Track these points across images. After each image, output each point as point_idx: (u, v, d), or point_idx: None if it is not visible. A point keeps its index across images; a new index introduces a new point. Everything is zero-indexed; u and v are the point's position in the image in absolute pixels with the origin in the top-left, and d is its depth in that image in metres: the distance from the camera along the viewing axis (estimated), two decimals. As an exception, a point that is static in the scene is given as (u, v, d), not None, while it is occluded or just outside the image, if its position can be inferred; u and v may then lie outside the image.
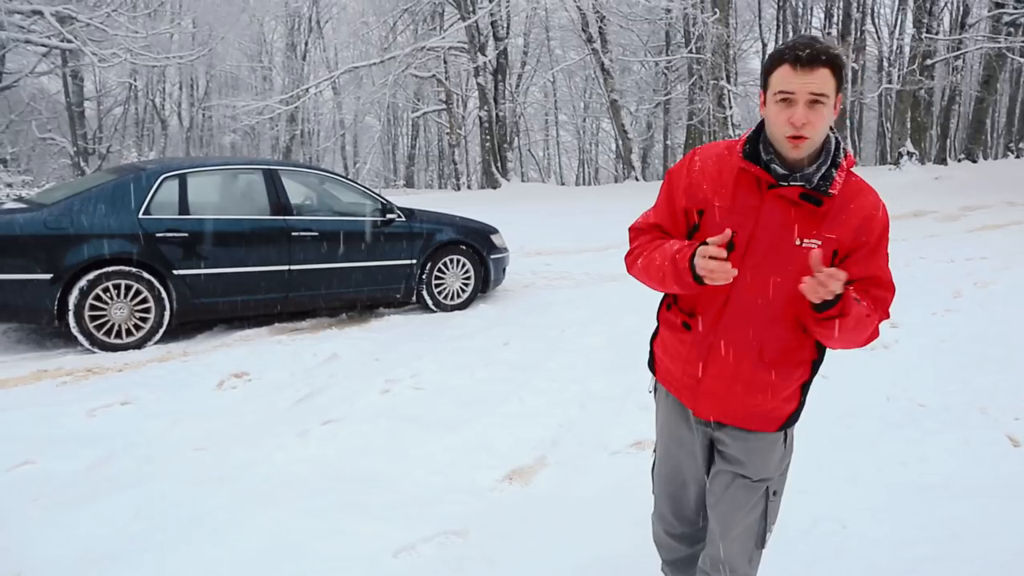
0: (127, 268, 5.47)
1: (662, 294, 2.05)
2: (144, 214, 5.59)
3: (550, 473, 3.57)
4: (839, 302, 1.61)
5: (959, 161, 22.69)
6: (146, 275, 5.55)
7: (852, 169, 1.79)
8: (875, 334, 1.78)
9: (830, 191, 1.71)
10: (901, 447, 3.71)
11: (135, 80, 28.20)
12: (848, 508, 3.07)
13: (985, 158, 25.36)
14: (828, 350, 1.88)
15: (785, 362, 1.84)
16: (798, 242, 1.72)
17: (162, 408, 4.30)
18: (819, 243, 1.71)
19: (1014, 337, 5.49)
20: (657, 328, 2.11)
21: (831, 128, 1.74)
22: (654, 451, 2.25)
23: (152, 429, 3.96)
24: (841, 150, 1.76)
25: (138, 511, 3.03)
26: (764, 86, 1.72)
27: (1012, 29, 21.39)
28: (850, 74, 23.38)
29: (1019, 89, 28.82)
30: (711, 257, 1.64)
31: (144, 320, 5.59)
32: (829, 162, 1.73)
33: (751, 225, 1.75)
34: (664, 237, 1.95)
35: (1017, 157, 25.87)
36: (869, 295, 1.76)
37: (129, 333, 5.55)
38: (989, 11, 21.79)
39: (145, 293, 5.56)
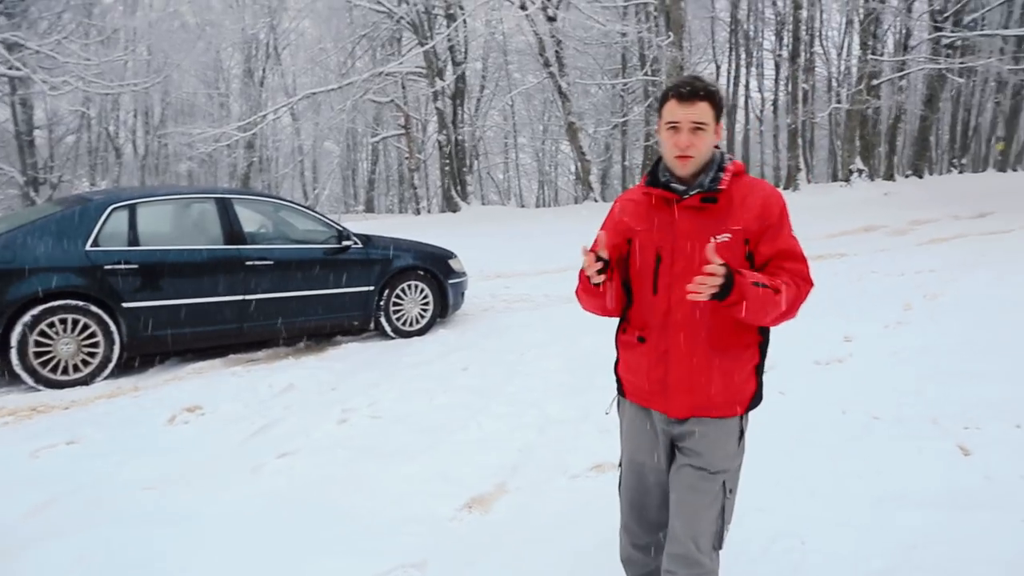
0: (74, 302, 5.33)
1: (616, 321, 2.33)
2: (92, 246, 5.46)
3: (510, 499, 3.52)
4: (733, 290, 1.86)
5: (906, 177, 23.38)
6: (94, 308, 5.40)
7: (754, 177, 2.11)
8: (795, 303, 1.99)
9: (720, 187, 2.02)
10: (857, 460, 3.75)
11: (88, 108, 27.73)
12: (807, 523, 3.08)
13: (931, 174, 26.13)
14: (771, 331, 2.11)
15: (732, 348, 2.06)
16: (714, 238, 1.99)
17: (110, 447, 4.16)
18: (729, 236, 2.00)
19: (963, 348, 5.61)
20: (617, 354, 2.33)
21: (716, 146, 2.07)
22: (619, 465, 2.39)
23: (99, 469, 3.83)
24: (726, 160, 2.08)
25: (80, 557, 2.91)
26: (659, 116, 2.06)
27: (951, 51, 22.20)
28: (801, 95, 23.96)
29: (959, 108, 29.80)
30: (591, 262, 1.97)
31: (92, 355, 5.44)
32: (715, 169, 2.06)
33: (671, 237, 2.05)
34: None
35: (960, 172, 26.72)
36: (784, 269, 2.01)
37: (76, 369, 5.39)
38: (929, 34, 22.58)
39: (93, 327, 5.41)
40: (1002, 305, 6.74)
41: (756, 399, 2.14)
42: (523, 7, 21.26)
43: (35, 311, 5.16)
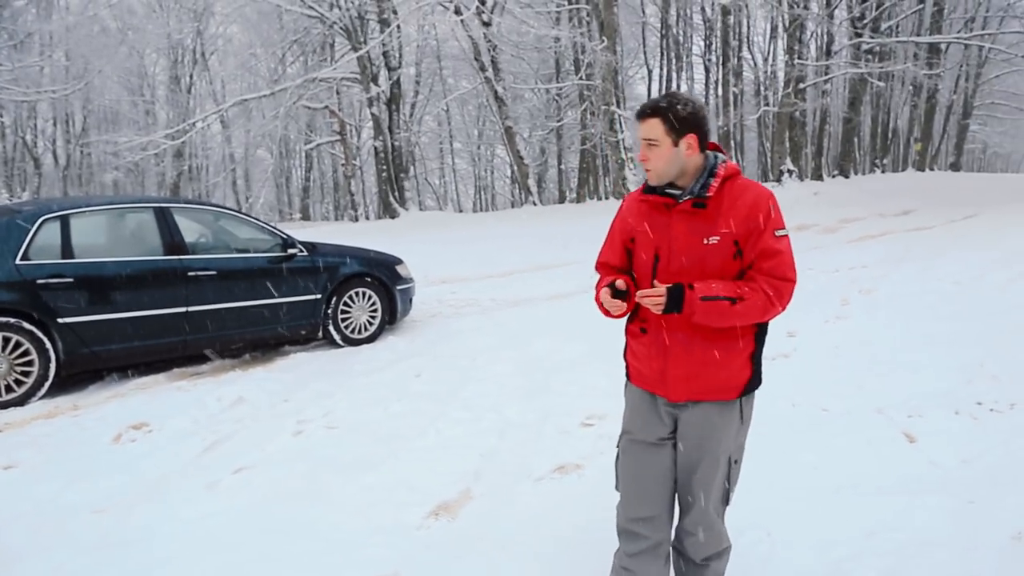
0: (4, 319, 5.07)
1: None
2: (22, 259, 5.21)
3: (476, 505, 3.50)
4: (684, 304, 2.09)
5: (833, 177, 24.23)
6: (27, 325, 5.15)
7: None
8: (765, 305, 2.12)
9: (707, 194, 2.16)
10: (812, 452, 3.86)
11: (1, 116, 26.48)
12: (771, 515, 3.16)
13: (856, 173, 27.14)
14: (768, 324, 2.26)
15: (725, 338, 2.20)
16: (705, 240, 2.16)
17: (52, 470, 3.97)
18: (718, 238, 2.15)
19: (899, 340, 5.84)
20: (626, 342, 2.47)
21: (720, 150, 2.27)
22: (617, 445, 2.52)
23: (41, 494, 3.65)
24: (718, 166, 2.21)
25: (33, 585, 2.77)
26: None
27: (871, 56, 23.16)
28: (731, 99, 24.61)
29: (879, 110, 31.07)
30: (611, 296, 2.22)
31: (26, 374, 5.18)
32: (706, 175, 2.20)
33: (667, 238, 2.22)
34: (608, 272, 2.46)
35: (883, 172, 27.84)
36: (762, 271, 2.14)
37: (9, 389, 5.12)
38: (850, 39, 23.49)
39: (27, 345, 5.15)
40: (933, 298, 7.04)
41: (752, 384, 2.29)
42: (458, 12, 21.26)
43: (-38, 329, 4.90)
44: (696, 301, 2.09)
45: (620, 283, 2.22)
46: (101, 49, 28.83)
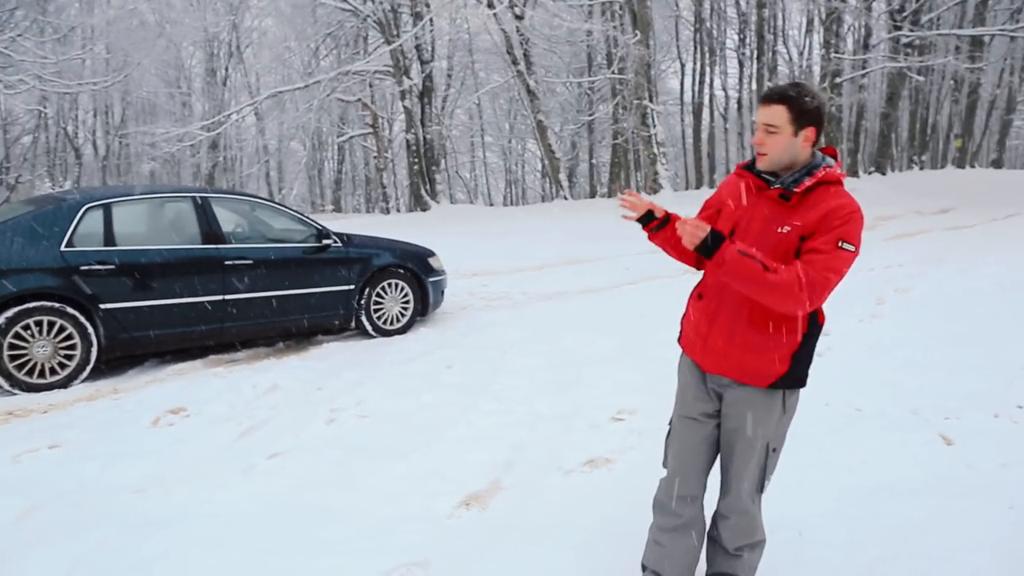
0: (49, 304, 5.20)
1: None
2: (67, 246, 5.33)
3: (506, 496, 3.53)
4: (718, 251, 2.10)
5: (869, 174, 23.85)
6: (70, 310, 5.28)
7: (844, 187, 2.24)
8: (793, 289, 2.07)
9: (794, 189, 2.18)
10: (845, 452, 3.82)
11: (45, 107, 27.07)
12: (802, 514, 3.14)
13: (892, 170, 26.69)
14: (822, 325, 2.29)
15: (774, 330, 2.23)
16: (779, 229, 2.19)
17: (94, 450, 4.07)
18: (789, 229, 2.18)
19: (937, 341, 5.75)
20: (686, 308, 2.55)
21: (835, 155, 2.29)
22: (670, 423, 2.58)
23: (85, 473, 3.75)
24: (820, 167, 2.21)
25: (76, 560, 2.85)
26: None
27: (910, 50, 22.71)
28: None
29: (919, 105, 30.51)
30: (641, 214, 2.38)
31: (69, 358, 5.31)
32: (804, 172, 2.21)
33: (748, 216, 2.28)
34: None
35: (920, 169, 27.35)
36: (806, 261, 2.12)
37: (53, 372, 5.26)
38: (888, 33, 23.07)
39: (70, 329, 5.28)
40: (972, 298, 6.92)
41: (787, 380, 2.28)
42: (490, 5, 21.25)
43: (9, 313, 5.03)
44: (731, 250, 2.10)
45: (659, 211, 2.34)
46: (140, 42, 29.32)
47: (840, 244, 2.11)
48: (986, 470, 3.62)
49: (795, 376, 2.29)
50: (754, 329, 2.24)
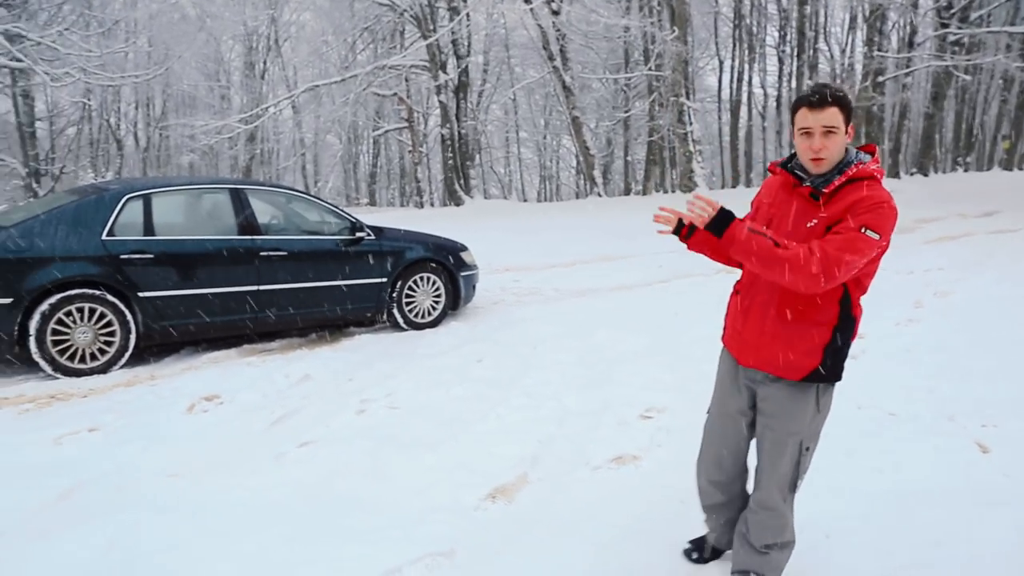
0: (90, 291, 5.33)
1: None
2: (108, 235, 5.46)
3: (533, 490, 3.54)
4: (728, 228, 2.16)
5: (911, 175, 23.39)
6: (110, 298, 5.41)
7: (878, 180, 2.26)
8: (805, 263, 2.11)
9: (823, 190, 2.23)
10: (876, 456, 3.77)
11: (89, 100, 27.66)
12: (829, 518, 3.10)
13: (936, 172, 26.14)
14: (855, 320, 2.32)
15: (802, 322, 2.29)
16: (808, 224, 2.25)
17: (131, 434, 4.18)
18: (816, 221, 2.23)
19: (975, 346, 5.63)
20: (727, 305, 2.63)
21: (872, 151, 2.32)
22: (708, 412, 2.70)
23: (122, 456, 3.85)
24: (851, 165, 2.24)
25: (113, 541, 2.93)
26: (792, 123, 2.30)
27: (957, 48, 22.18)
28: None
29: (965, 105, 29.81)
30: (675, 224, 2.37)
31: (109, 344, 5.45)
32: (835, 171, 2.25)
33: (781, 212, 2.35)
34: None
35: (965, 171, 26.73)
36: (823, 239, 2.17)
37: (93, 358, 5.39)
38: (935, 30, 22.56)
39: (109, 316, 5.41)
40: (1013, 303, 6.77)
41: (817, 374, 2.31)
42: (527, 0, 21.22)
43: (53, 300, 5.17)
44: (741, 229, 2.17)
45: (687, 218, 2.29)
46: (181, 36, 29.86)
47: (863, 229, 2.13)
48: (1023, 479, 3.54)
49: (827, 370, 2.30)
50: (783, 321, 2.30)
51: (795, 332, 2.29)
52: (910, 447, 3.88)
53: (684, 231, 2.37)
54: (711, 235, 2.24)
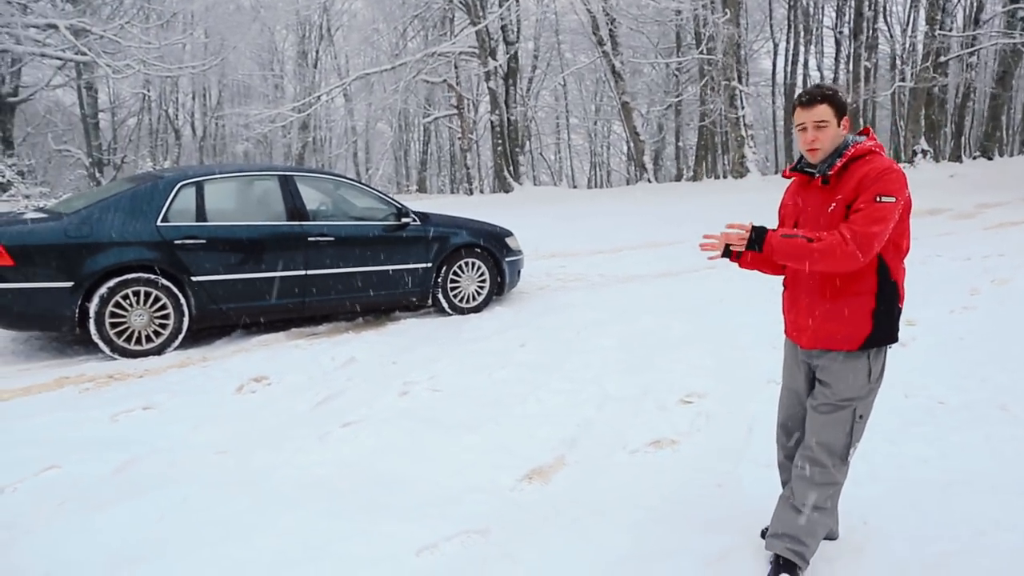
0: (146, 275, 5.53)
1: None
2: (162, 221, 5.65)
3: (569, 472, 3.57)
4: (764, 243, 2.40)
5: (974, 159, 22.54)
6: (165, 282, 5.60)
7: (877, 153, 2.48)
8: (842, 249, 2.31)
9: (829, 172, 2.48)
10: (921, 444, 3.69)
11: (148, 91, 28.51)
12: (869, 504, 3.06)
13: (1001, 155, 25.15)
14: (895, 283, 2.47)
15: (845, 295, 2.47)
16: (827, 209, 2.47)
17: (183, 412, 4.34)
18: (834, 205, 2.45)
19: (1033, 334, 5.44)
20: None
21: (867, 132, 2.58)
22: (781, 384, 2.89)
23: (174, 433, 4.01)
24: (848, 147, 2.48)
25: (163, 514, 3.06)
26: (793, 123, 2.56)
27: (1026, 24, 21.24)
28: (862, 74, 23.27)
29: (1034, 85, 28.59)
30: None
31: (163, 327, 5.65)
32: (834, 155, 2.50)
33: (804, 207, 2.60)
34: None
35: (1033, 154, 25.63)
36: (848, 221, 2.37)
37: (149, 339, 5.60)
38: (1004, 6, 21.64)
39: (164, 300, 5.61)
40: (1076, 290, 6.50)
41: (874, 339, 2.48)
42: (577, -15, 21.05)
43: (111, 283, 5.38)
44: (776, 238, 2.40)
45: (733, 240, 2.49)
46: (236, 26, 30.40)
47: (877, 198, 2.34)
48: (1078, 470, 3.43)
49: (880, 333, 2.47)
50: (830, 300, 2.50)
51: (842, 306, 2.48)
52: (958, 436, 3.79)
53: (734, 255, 2.58)
54: (755, 252, 2.48)
